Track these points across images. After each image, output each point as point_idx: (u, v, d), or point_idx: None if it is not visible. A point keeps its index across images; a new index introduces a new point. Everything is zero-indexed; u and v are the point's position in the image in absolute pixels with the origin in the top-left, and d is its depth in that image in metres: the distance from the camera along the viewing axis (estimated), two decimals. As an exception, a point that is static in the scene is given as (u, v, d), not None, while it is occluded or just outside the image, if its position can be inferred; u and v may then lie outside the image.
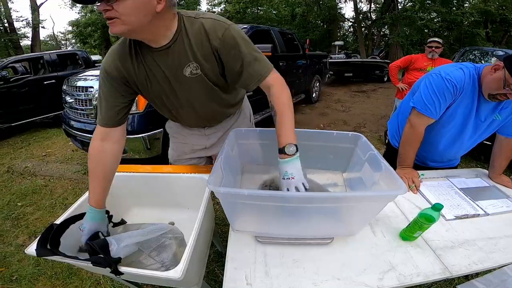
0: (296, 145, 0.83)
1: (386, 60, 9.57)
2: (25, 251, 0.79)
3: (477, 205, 1.11)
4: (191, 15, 0.86)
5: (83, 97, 2.32)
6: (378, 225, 0.97)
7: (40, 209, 2.25)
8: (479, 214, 1.05)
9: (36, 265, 1.69)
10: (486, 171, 1.38)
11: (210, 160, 1.43)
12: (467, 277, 1.41)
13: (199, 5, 18.13)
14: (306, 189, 0.79)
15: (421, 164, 1.46)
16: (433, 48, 2.82)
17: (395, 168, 1.19)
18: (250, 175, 1.14)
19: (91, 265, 0.74)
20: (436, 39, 2.87)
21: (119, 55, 0.87)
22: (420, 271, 0.79)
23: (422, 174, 1.27)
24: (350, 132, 1.10)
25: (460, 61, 5.06)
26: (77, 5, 18.09)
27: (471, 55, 5.13)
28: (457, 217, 1.03)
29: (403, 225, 0.92)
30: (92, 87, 2.26)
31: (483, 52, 5.13)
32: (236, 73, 0.90)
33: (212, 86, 0.96)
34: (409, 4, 13.87)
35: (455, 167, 1.49)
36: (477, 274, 1.36)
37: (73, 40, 23.32)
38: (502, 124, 1.20)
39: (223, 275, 1.44)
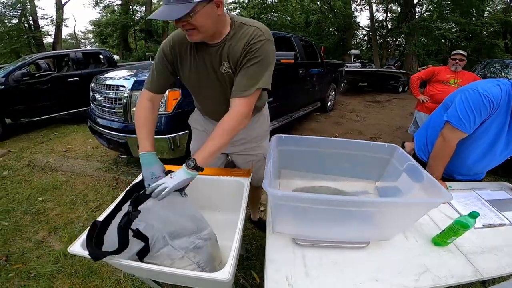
0: (196, 164, 0.89)
1: (402, 71, 9.45)
2: (69, 250, 0.79)
3: (502, 215, 1.14)
4: (242, 21, 0.99)
5: (113, 95, 2.36)
6: (410, 231, 1.00)
7: (61, 204, 2.26)
8: (505, 224, 1.10)
9: (55, 262, 1.66)
10: (510, 185, 1.41)
11: (229, 160, 1.50)
12: (484, 284, 1.45)
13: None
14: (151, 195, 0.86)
15: (447, 177, 1.46)
16: (457, 61, 2.79)
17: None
18: (286, 181, 1.17)
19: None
20: (460, 51, 2.84)
21: (177, 41, 1.03)
22: (453, 273, 0.83)
23: (450, 186, 1.29)
24: (387, 144, 1.13)
25: (481, 73, 5.01)
26: (100, 4, 18.69)
27: (492, 68, 5.08)
28: (485, 226, 1.07)
29: (434, 232, 0.96)
30: (124, 86, 2.30)
31: (503, 65, 5.08)
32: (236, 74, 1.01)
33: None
34: (426, 13, 13.79)
35: (480, 181, 1.49)
36: (493, 282, 1.43)
37: (92, 40, 23.99)
38: None
39: (243, 278, 1.45)
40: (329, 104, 5.65)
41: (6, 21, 14.81)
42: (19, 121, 4.17)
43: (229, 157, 1.49)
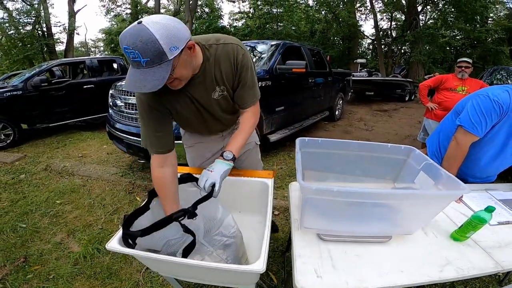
0: (234, 156, 0.98)
1: (408, 79, 9.48)
2: (106, 247, 0.81)
3: None
4: (211, 42, 0.94)
5: (133, 101, 2.45)
6: (428, 228, 1.05)
7: (79, 208, 2.31)
8: None
9: (74, 264, 1.68)
10: None
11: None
12: (501, 284, 1.51)
13: (221, 19, 18.79)
14: (212, 189, 0.90)
15: (461, 180, 1.50)
16: (463, 68, 2.85)
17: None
18: (308, 181, 1.22)
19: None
20: (466, 59, 2.91)
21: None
22: (475, 265, 0.87)
23: None
24: (403, 146, 1.18)
25: (487, 80, 5.05)
26: (111, 13, 19.12)
27: (498, 75, 5.12)
28: (500, 223, 1.12)
29: (451, 228, 1.01)
30: None
31: (509, 72, 5.12)
32: (237, 89, 1.04)
33: (230, 101, 1.08)
34: (430, 21, 13.88)
35: (492, 183, 1.53)
36: (509, 281, 1.52)
37: (102, 48, 24.50)
38: None
39: (261, 279, 1.48)
40: (337, 113, 5.69)
41: (20, 27, 15.08)
42: (35, 127, 4.29)
43: None
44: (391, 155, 1.16)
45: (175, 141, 1.91)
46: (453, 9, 11.55)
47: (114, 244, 0.83)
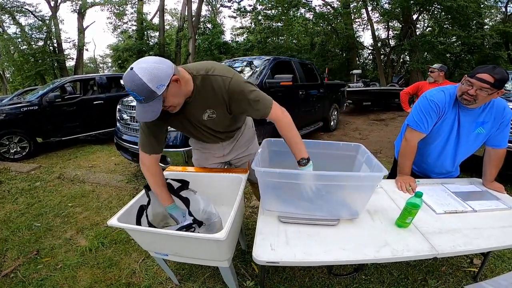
0: (308, 158, 1.12)
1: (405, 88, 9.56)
2: (108, 223, 1.05)
3: (466, 204, 1.30)
4: (201, 72, 1.11)
5: (136, 115, 2.75)
6: (376, 214, 1.22)
7: (88, 209, 2.56)
8: (467, 211, 1.24)
9: (81, 255, 1.87)
10: (480, 180, 1.57)
11: (229, 165, 1.76)
12: (475, 279, 1.55)
13: (223, 34, 19.36)
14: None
15: (424, 176, 1.69)
16: (429, 73, 3.18)
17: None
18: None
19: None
20: (434, 65, 3.21)
21: None
22: (410, 248, 0.99)
23: (418, 181, 1.52)
24: (353, 143, 1.41)
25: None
26: (117, 29, 19.70)
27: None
28: (446, 212, 1.24)
29: (397, 216, 1.14)
30: None
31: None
32: (243, 110, 1.18)
33: (224, 121, 1.27)
34: (428, 29, 14.07)
35: (457, 178, 1.67)
36: (485, 277, 1.56)
37: (110, 64, 25.10)
38: (487, 137, 1.44)
39: (244, 268, 1.67)
40: (332, 123, 5.81)
41: (32, 43, 15.72)
42: (49, 140, 4.59)
43: (230, 164, 1.76)
44: (344, 151, 1.37)
45: (176, 149, 2.15)
46: (447, 16, 11.71)
47: (114, 221, 1.06)
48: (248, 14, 15.36)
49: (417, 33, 12.86)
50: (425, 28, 14.79)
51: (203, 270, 1.69)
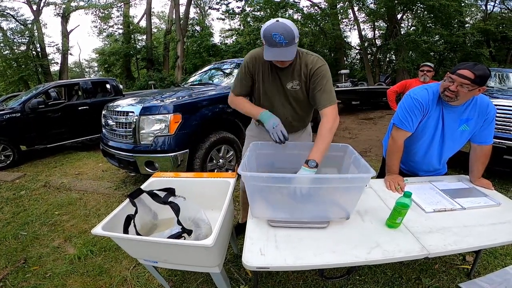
0: (317, 163, 1.13)
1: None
2: (92, 232, 1.02)
3: (455, 201, 1.31)
4: (303, 51, 1.36)
5: (123, 120, 2.67)
6: (367, 215, 1.21)
7: (75, 217, 2.49)
8: (456, 208, 1.25)
9: (70, 263, 1.84)
10: (467, 176, 1.59)
11: None
12: (469, 276, 1.55)
13: (212, 37, 19.26)
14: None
15: (412, 175, 1.70)
16: (425, 72, 3.14)
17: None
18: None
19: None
20: (428, 63, 3.21)
21: (259, 58, 1.37)
22: (401, 248, 0.98)
23: (406, 180, 1.53)
24: (340, 144, 1.40)
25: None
26: (103, 33, 19.25)
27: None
28: (436, 210, 1.24)
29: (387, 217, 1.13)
30: (133, 112, 2.60)
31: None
32: (313, 92, 1.34)
33: (301, 96, 1.41)
34: (412, 28, 14.31)
35: (444, 175, 1.69)
36: (479, 274, 1.56)
37: (96, 68, 24.62)
38: (472, 134, 1.46)
39: (237, 273, 1.65)
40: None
41: (15, 47, 15.22)
42: (33, 148, 4.45)
43: None
44: (332, 152, 1.36)
45: (164, 155, 2.36)
46: (430, 15, 11.97)
47: (98, 230, 1.04)
48: (237, 16, 15.32)
49: (402, 33, 13.10)
50: (409, 27, 15.08)
51: (195, 276, 1.66)
